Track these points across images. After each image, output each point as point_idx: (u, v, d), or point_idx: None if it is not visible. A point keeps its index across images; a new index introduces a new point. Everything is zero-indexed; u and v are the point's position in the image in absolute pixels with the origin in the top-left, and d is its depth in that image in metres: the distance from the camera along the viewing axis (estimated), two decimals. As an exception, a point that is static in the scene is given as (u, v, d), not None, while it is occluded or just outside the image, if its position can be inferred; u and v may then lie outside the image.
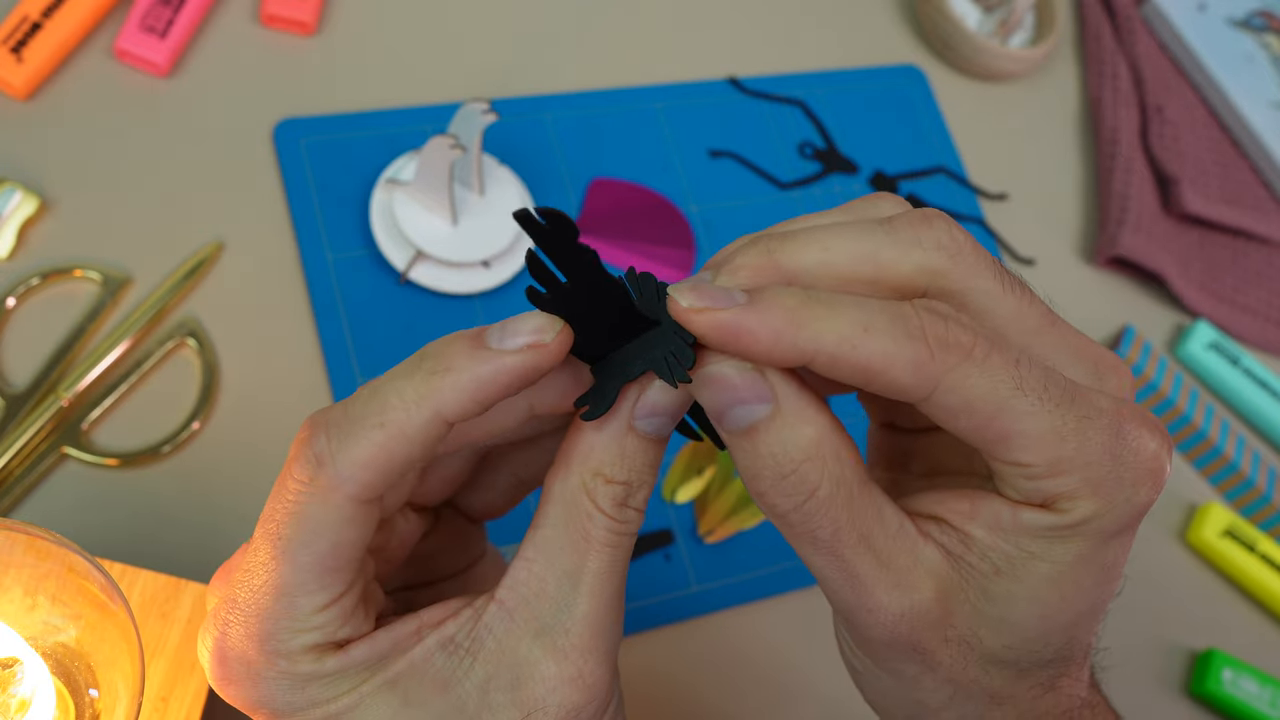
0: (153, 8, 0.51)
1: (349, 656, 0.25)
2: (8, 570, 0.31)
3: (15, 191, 0.46)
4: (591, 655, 0.25)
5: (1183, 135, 0.68)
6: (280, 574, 0.24)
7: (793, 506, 0.24)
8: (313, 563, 0.24)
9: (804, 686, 0.48)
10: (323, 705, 0.25)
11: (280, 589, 0.24)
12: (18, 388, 0.43)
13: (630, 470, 0.25)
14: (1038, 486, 0.24)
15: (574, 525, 0.26)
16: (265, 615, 0.25)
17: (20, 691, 0.30)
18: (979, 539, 0.25)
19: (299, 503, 0.24)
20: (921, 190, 0.62)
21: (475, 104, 0.47)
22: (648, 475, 0.26)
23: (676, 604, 0.47)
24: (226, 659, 0.26)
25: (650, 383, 0.25)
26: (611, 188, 0.55)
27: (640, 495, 0.26)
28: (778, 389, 0.24)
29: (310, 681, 0.25)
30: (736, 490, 0.49)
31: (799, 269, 0.25)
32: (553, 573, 0.26)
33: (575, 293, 0.24)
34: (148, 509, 0.43)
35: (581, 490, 0.25)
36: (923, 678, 0.26)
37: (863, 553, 0.24)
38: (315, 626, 0.25)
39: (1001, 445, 0.24)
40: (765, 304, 0.23)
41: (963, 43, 0.65)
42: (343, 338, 0.48)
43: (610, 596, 0.26)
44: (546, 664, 0.25)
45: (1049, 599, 0.25)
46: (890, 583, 0.25)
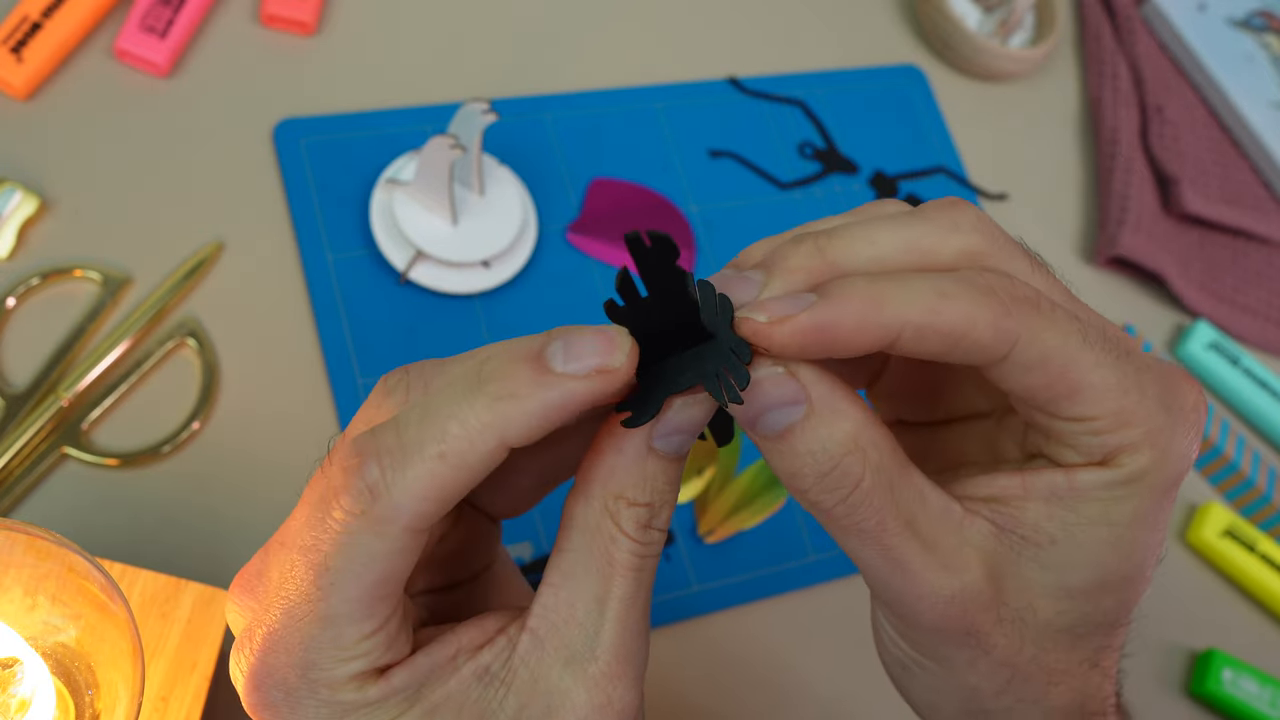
0: (153, 8, 0.51)
1: (390, 684, 0.24)
2: (8, 570, 0.31)
3: (15, 191, 0.46)
4: (620, 681, 0.25)
5: (1183, 135, 0.68)
6: (328, 605, 0.23)
7: (838, 501, 0.24)
8: (362, 595, 0.23)
9: (804, 686, 0.48)
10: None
11: (327, 619, 0.23)
12: (18, 388, 0.43)
13: (653, 492, 0.25)
14: (1102, 441, 0.24)
15: (598, 550, 0.25)
16: (309, 644, 0.24)
17: (20, 691, 0.30)
18: (1033, 510, 0.25)
19: (349, 534, 0.23)
20: (921, 190, 0.62)
21: (475, 104, 0.47)
22: (669, 495, 0.25)
23: (676, 604, 0.47)
24: (263, 685, 0.25)
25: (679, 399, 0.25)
26: (611, 188, 0.55)
27: (663, 516, 0.25)
28: (810, 388, 0.24)
29: (351, 711, 0.24)
30: (737, 490, 0.49)
31: (852, 265, 0.25)
32: (580, 599, 0.25)
33: (653, 309, 0.23)
34: (148, 509, 0.43)
35: (605, 514, 0.25)
36: (977, 663, 0.26)
37: (909, 538, 0.24)
38: (361, 655, 0.24)
39: (1070, 400, 0.24)
40: (841, 295, 0.23)
41: (963, 43, 0.65)
42: (343, 338, 0.48)
43: (636, 621, 0.26)
44: (577, 692, 0.25)
45: (1107, 560, 0.25)
46: (938, 565, 0.25)
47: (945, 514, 0.25)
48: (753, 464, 0.50)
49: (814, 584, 0.50)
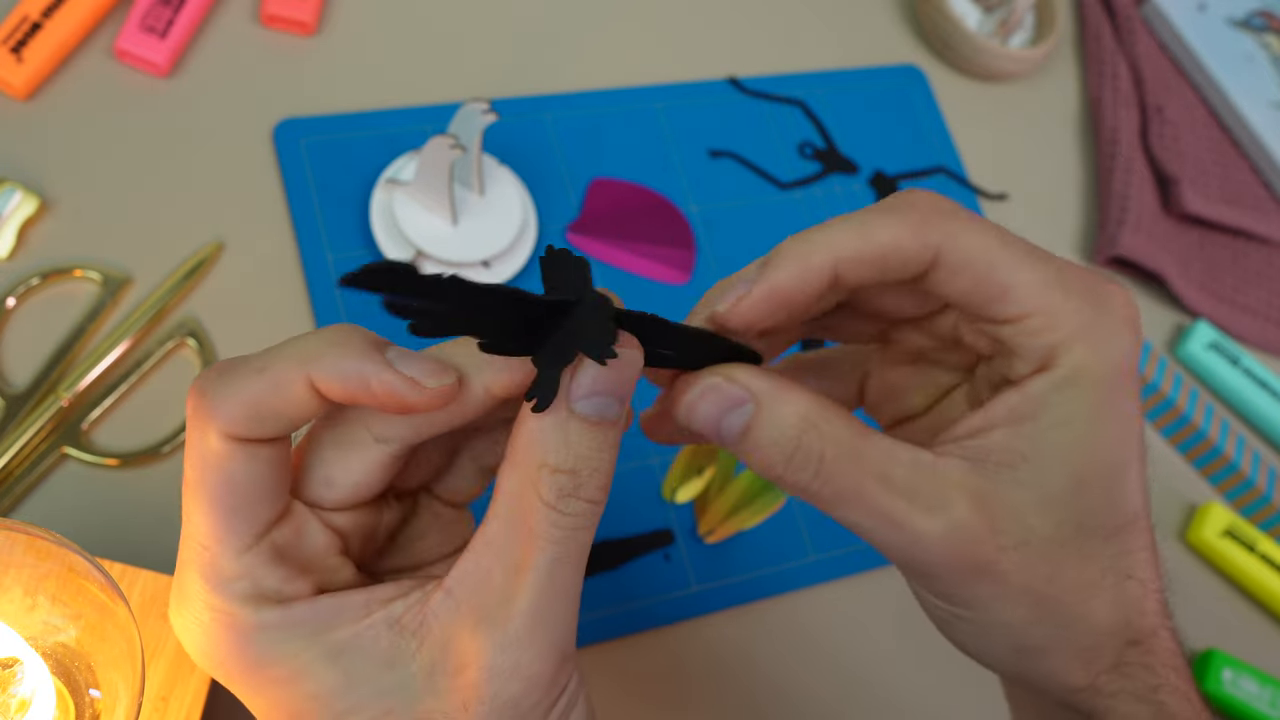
0: (153, 8, 0.51)
1: (288, 612, 0.25)
2: (8, 570, 0.31)
3: (15, 191, 0.46)
4: (531, 648, 0.25)
5: (1183, 135, 0.68)
6: (191, 518, 0.25)
7: (811, 476, 0.26)
8: (211, 500, 0.25)
9: (804, 686, 0.48)
10: (268, 667, 0.25)
11: (194, 531, 0.25)
12: (18, 388, 0.43)
13: (576, 458, 0.25)
14: (1040, 342, 0.26)
15: (519, 518, 0.25)
16: (188, 562, 0.26)
17: (20, 691, 0.30)
18: (998, 435, 0.26)
19: (189, 442, 0.25)
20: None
21: (475, 104, 0.47)
22: (598, 462, 0.25)
23: (676, 604, 0.47)
24: (180, 615, 0.26)
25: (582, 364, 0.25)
26: (611, 188, 0.55)
27: (591, 485, 0.25)
28: (751, 385, 0.26)
29: (248, 635, 0.25)
30: (737, 490, 0.49)
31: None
32: (499, 565, 0.26)
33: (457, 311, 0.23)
34: (148, 509, 0.43)
35: (527, 482, 0.25)
36: (999, 596, 0.27)
37: (887, 493, 0.26)
38: (239, 574, 0.25)
39: (1001, 301, 0.26)
40: (775, 256, 0.27)
41: (963, 43, 0.65)
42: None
43: (557, 591, 0.26)
44: (485, 654, 0.25)
45: (1076, 460, 0.26)
46: (922, 509, 0.26)
47: (916, 463, 0.26)
48: (753, 464, 0.50)
49: (814, 584, 0.50)
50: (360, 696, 0.26)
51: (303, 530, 0.27)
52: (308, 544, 0.27)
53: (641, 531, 0.48)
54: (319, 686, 0.26)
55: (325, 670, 0.25)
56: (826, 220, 0.28)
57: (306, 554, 0.27)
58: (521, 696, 0.25)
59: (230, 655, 0.26)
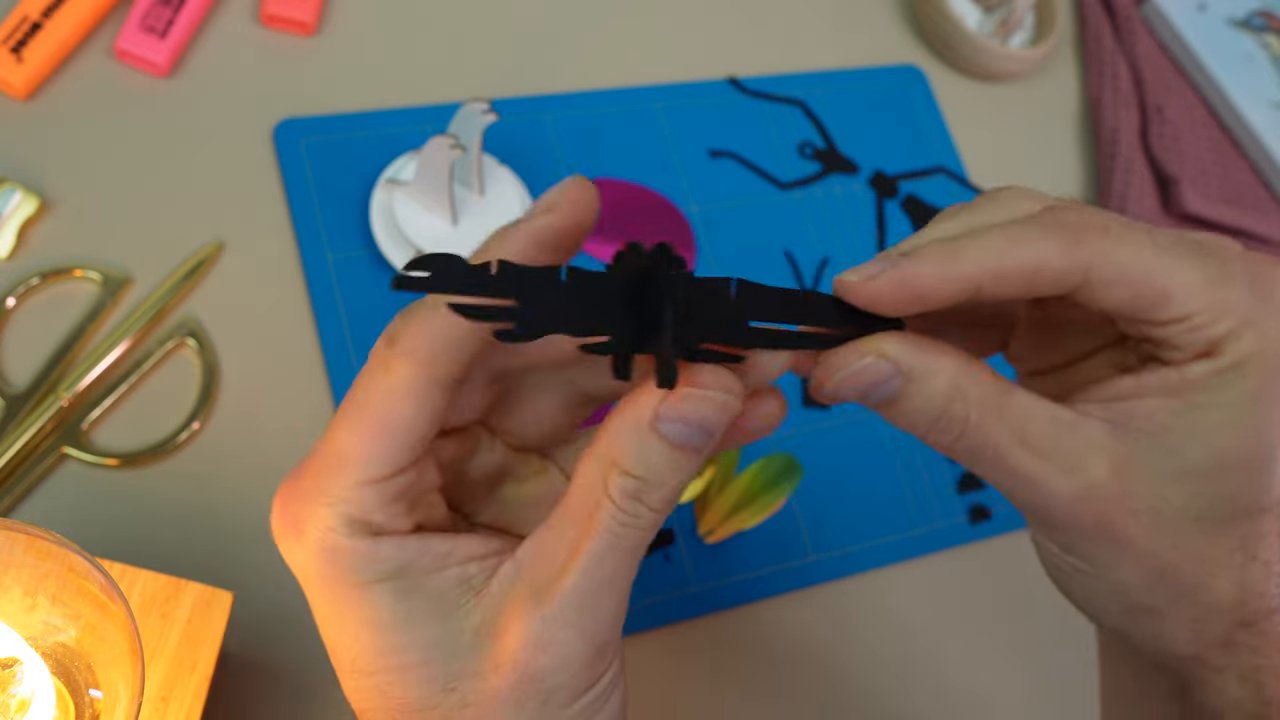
0: (153, 8, 0.51)
1: (376, 545, 0.26)
2: (8, 570, 0.31)
3: (15, 191, 0.46)
4: (568, 628, 0.26)
5: (1183, 135, 0.68)
6: (335, 436, 0.26)
7: (954, 439, 0.27)
8: (365, 431, 0.26)
9: (804, 686, 0.48)
10: (340, 585, 0.26)
11: (331, 447, 0.26)
12: (18, 388, 0.43)
13: (647, 469, 0.26)
14: (1203, 335, 0.26)
15: (586, 503, 0.26)
16: (318, 472, 0.26)
17: (20, 691, 0.30)
18: (1146, 403, 0.27)
19: (366, 372, 0.26)
20: (921, 190, 0.62)
21: (475, 104, 0.47)
22: (669, 478, 0.26)
23: (676, 604, 0.47)
24: (283, 510, 0.27)
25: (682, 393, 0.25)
26: (611, 188, 0.55)
27: (657, 495, 0.26)
28: (901, 360, 0.27)
29: (337, 555, 0.26)
30: (737, 490, 0.49)
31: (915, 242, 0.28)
32: (560, 542, 0.26)
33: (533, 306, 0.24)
34: (148, 509, 0.43)
35: (600, 474, 0.26)
36: (1121, 558, 0.28)
37: (1025, 453, 0.27)
38: (350, 499, 0.26)
39: (1163, 305, 0.26)
40: (919, 251, 0.26)
41: (963, 43, 0.65)
42: (343, 338, 0.48)
43: (603, 579, 0.26)
44: (526, 623, 0.26)
45: (1222, 441, 0.26)
46: (1059, 470, 0.26)
47: (1055, 421, 0.27)
48: (753, 464, 0.50)
49: (814, 584, 0.50)
50: (409, 638, 0.26)
51: (425, 466, 0.28)
52: (425, 481, 0.28)
53: (641, 531, 0.48)
54: (378, 616, 0.26)
55: (389, 604, 0.26)
56: (973, 227, 0.27)
57: (418, 491, 0.28)
58: (550, 672, 0.26)
59: (311, 560, 0.27)
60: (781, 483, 0.50)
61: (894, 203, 0.61)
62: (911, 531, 0.52)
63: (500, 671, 0.26)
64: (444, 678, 0.26)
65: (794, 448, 0.52)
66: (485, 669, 0.26)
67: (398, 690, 0.27)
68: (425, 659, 0.26)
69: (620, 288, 0.25)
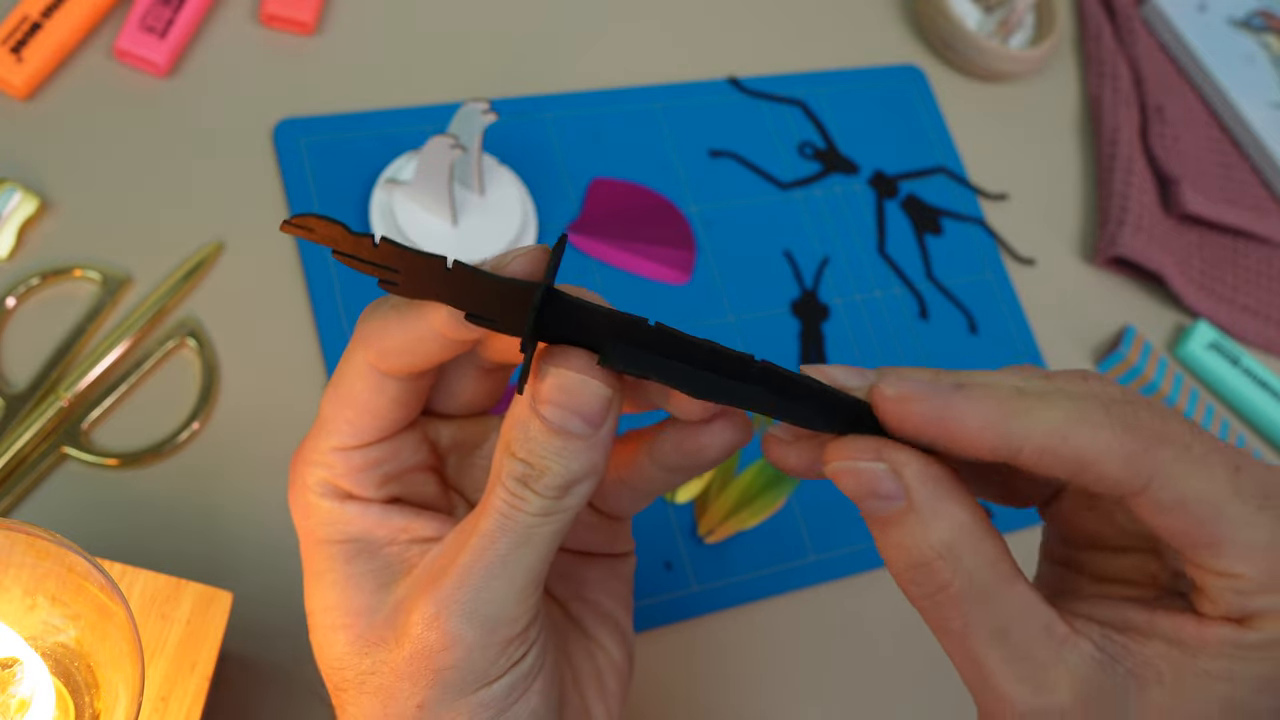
0: (152, 8, 0.51)
1: (341, 508, 0.29)
2: (8, 570, 0.31)
3: (15, 191, 0.46)
4: (456, 609, 0.26)
5: (1183, 135, 0.68)
6: (321, 405, 0.29)
7: (921, 595, 0.24)
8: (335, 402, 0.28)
9: (804, 686, 0.48)
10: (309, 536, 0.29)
11: (318, 415, 0.29)
12: (18, 388, 0.43)
13: (529, 452, 0.26)
14: (1244, 602, 0.23)
15: (489, 486, 0.27)
16: (311, 435, 0.29)
17: (20, 691, 0.30)
18: (1150, 647, 0.24)
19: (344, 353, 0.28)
20: (921, 190, 0.62)
21: (475, 104, 0.47)
22: (552, 463, 0.26)
23: (676, 604, 0.47)
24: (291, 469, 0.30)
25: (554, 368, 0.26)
26: (611, 188, 0.55)
27: (543, 481, 0.26)
28: (912, 487, 0.24)
29: (310, 511, 0.29)
30: (737, 490, 0.49)
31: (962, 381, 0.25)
32: (466, 525, 0.28)
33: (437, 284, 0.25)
34: (148, 509, 0.43)
35: (498, 456, 0.27)
36: None
37: (993, 647, 0.24)
38: (326, 463, 0.29)
39: (1211, 552, 0.23)
40: (979, 391, 0.23)
41: (963, 43, 0.65)
42: (343, 338, 0.48)
43: (493, 562, 0.26)
44: (424, 600, 0.27)
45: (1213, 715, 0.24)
46: (1023, 678, 0.24)
47: (1046, 631, 0.24)
48: (753, 464, 0.50)
49: (814, 584, 0.50)
50: (343, 599, 0.28)
51: (402, 445, 0.30)
52: (402, 458, 0.30)
53: (641, 533, 0.48)
54: (326, 573, 0.29)
55: (338, 564, 0.29)
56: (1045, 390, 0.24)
57: (396, 467, 0.30)
58: (437, 651, 0.27)
59: (295, 514, 0.30)
60: (781, 483, 0.50)
61: (894, 203, 0.61)
62: (911, 531, 0.52)
63: (401, 645, 0.27)
64: (362, 643, 0.28)
65: (794, 448, 0.52)
66: (391, 641, 0.27)
67: (328, 646, 0.29)
68: (350, 622, 0.28)
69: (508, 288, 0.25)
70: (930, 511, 0.24)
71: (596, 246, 0.53)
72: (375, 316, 0.27)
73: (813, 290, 0.56)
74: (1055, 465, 0.23)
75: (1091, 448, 0.23)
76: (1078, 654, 0.24)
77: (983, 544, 0.24)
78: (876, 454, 0.24)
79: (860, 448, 0.25)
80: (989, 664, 0.24)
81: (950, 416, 0.23)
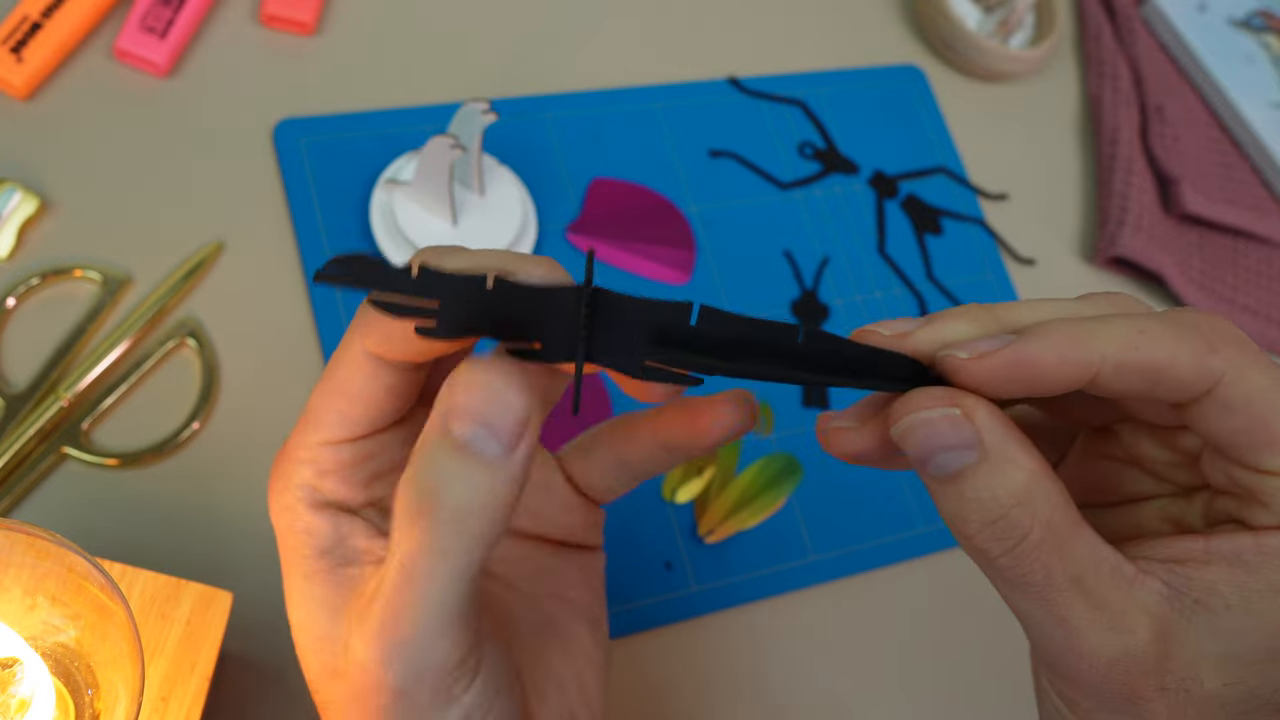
0: (153, 8, 0.51)
1: (314, 519, 0.27)
2: (8, 570, 0.31)
3: (15, 191, 0.46)
4: (380, 653, 0.25)
5: (1183, 135, 0.68)
6: (309, 399, 0.28)
7: (1003, 552, 0.24)
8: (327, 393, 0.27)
9: (804, 686, 0.48)
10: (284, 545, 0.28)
11: (305, 409, 0.28)
12: (18, 388, 0.43)
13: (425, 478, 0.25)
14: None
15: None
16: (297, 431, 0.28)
17: (20, 691, 0.30)
18: (1212, 573, 0.24)
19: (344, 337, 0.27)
20: (922, 190, 0.62)
21: (475, 104, 0.47)
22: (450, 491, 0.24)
23: (676, 604, 0.47)
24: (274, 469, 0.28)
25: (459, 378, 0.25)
26: (611, 188, 0.55)
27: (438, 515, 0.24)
28: (985, 433, 0.23)
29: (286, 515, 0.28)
30: (737, 490, 0.49)
31: (1020, 325, 0.25)
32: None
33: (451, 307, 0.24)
34: (148, 509, 0.43)
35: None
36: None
37: (1075, 595, 0.24)
38: (314, 459, 0.27)
39: (1270, 449, 0.23)
40: (1043, 331, 0.23)
41: (963, 43, 0.65)
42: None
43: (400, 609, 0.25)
44: (355, 639, 0.26)
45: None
46: (1104, 625, 0.24)
47: (1116, 573, 0.24)
48: (753, 464, 0.50)
49: (814, 584, 0.50)
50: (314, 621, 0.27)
51: (390, 441, 0.28)
52: (390, 455, 0.28)
53: (640, 535, 0.48)
54: (300, 587, 0.28)
55: (311, 584, 0.27)
56: (1096, 313, 0.24)
57: (384, 464, 0.28)
58: (372, 693, 0.26)
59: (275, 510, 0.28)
60: (781, 483, 0.50)
61: (894, 203, 0.61)
62: (911, 531, 0.52)
63: (350, 679, 0.26)
64: (326, 672, 0.27)
65: (794, 448, 0.52)
66: (343, 673, 0.27)
67: (306, 667, 0.28)
68: (319, 647, 0.27)
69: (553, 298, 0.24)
70: (1003, 458, 0.23)
71: (596, 246, 0.53)
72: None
73: (812, 290, 0.56)
74: (1131, 379, 0.23)
75: (1163, 353, 0.23)
76: (1147, 592, 0.24)
77: (1054, 489, 0.24)
78: (951, 400, 0.24)
79: (932, 396, 0.24)
80: (1073, 615, 0.24)
81: (1028, 360, 0.23)
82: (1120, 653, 0.24)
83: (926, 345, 0.25)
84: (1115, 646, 0.24)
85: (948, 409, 0.24)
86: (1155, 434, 0.27)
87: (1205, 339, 0.23)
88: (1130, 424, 0.28)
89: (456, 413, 0.23)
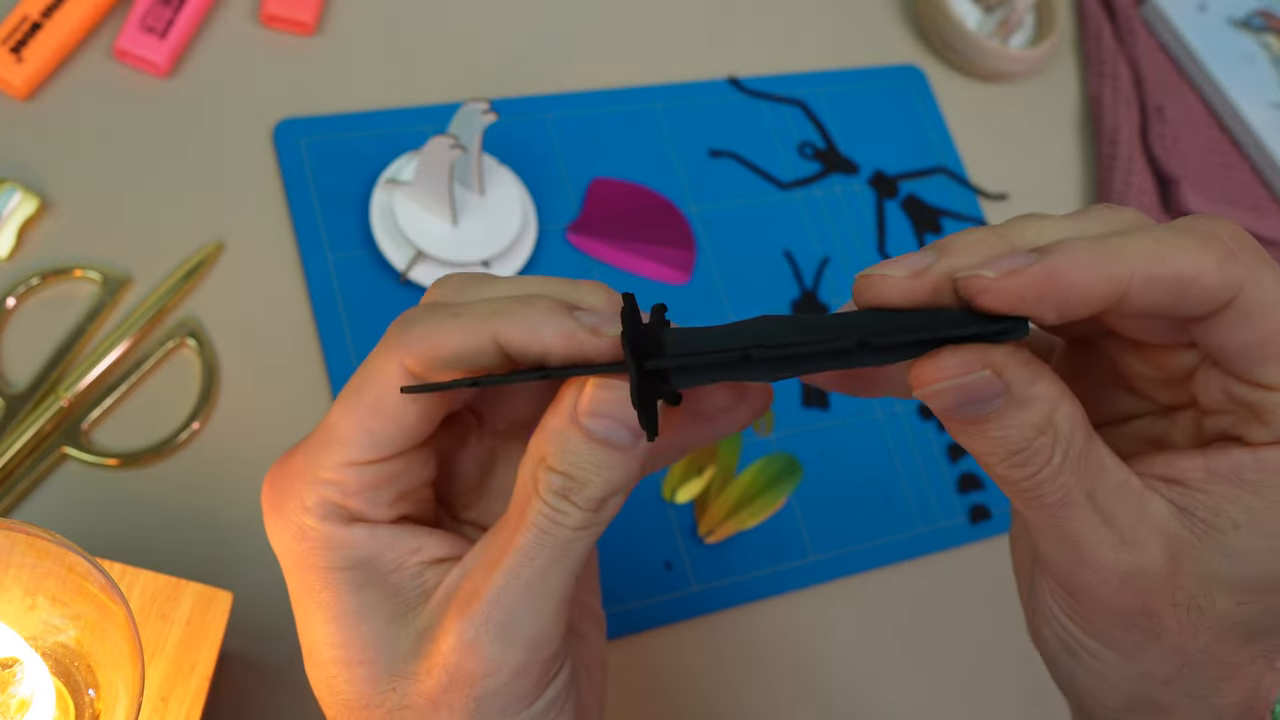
0: (153, 8, 0.51)
1: (346, 531, 0.26)
2: (8, 570, 0.31)
3: (15, 191, 0.46)
4: (495, 631, 0.25)
5: (1183, 135, 0.68)
6: (330, 417, 0.27)
7: (1024, 476, 0.24)
8: (359, 414, 0.26)
9: (804, 686, 0.48)
10: (304, 565, 0.27)
11: (325, 429, 0.27)
12: (18, 388, 0.43)
13: (571, 464, 0.25)
14: None
15: (518, 503, 0.26)
16: (310, 449, 0.27)
17: (20, 691, 0.30)
18: (1216, 492, 0.24)
19: (369, 359, 0.27)
20: (921, 190, 0.62)
21: (475, 104, 0.47)
22: (594, 474, 0.25)
23: (676, 604, 0.47)
24: (272, 486, 0.27)
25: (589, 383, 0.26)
26: (611, 188, 0.55)
27: (585, 493, 0.25)
28: (1009, 376, 0.23)
29: (307, 535, 0.26)
30: (737, 490, 0.49)
31: (1031, 245, 0.24)
32: (495, 543, 0.26)
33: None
34: (148, 509, 0.43)
35: (530, 471, 0.26)
36: (1148, 646, 0.25)
37: (1089, 512, 0.24)
38: (336, 480, 0.26)
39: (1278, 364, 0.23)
40: (1068, 248, 0.23)
41: (963, 43, 0.65)
42: (343, 338, 0.48)
43: (532, 579, 0.26)
44: (457, 625, 0.26)
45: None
46: (1116, 540, 0.24)
47: (1124, 487, 0.24)
48: (753, 464, 0.50)
49: (814, 584, 0.50)
50: (357, 634, 0.26)
51: (416, 460, 0.28)
52: (415, 474, 0.28)
53: (638, 536, 0.48)
54: (332, 606, 0.26)
55: (345, 595, 0.26)
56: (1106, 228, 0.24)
57: (409, 484, 0.28)
58: (478, 677, 0.26)
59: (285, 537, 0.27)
60: (781, 483, 0.50)
61: (894, 203, 0.61)
62: (911, 531, 0.52)
63: (434, 675, 0.26)
64: (386, 678, 0.26)
65: (794, 448, 0.52)
66: (421, 672, 0.26)
67: (343, 685, 0.27)
68: (368, 658, 0.26)
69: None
70: (1028, 396, 0.23)
71: (596, 246, 0.53)
72: (426, 321, 0.26)
73: (812, 290, 0.56)
74: (1159, 291, 0.23)
75: (1189, 262, 0.22)
76: (1156, 509, 0.24)
77: (1073, 409, 0.24)
78: (982, 362, 0.23)
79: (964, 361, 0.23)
80: (1086, 530, 0.24)
81: (1060, 277, 0.22)
82: (1134, 567, 0.24)
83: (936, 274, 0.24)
84: (1128, 561, 0.24)
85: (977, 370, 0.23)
86: (1142, 351, 0.27)
87: (1224, 246, 0.23)
88: (1114, 340, 0.27)
89: (591, 407, 0.25)
